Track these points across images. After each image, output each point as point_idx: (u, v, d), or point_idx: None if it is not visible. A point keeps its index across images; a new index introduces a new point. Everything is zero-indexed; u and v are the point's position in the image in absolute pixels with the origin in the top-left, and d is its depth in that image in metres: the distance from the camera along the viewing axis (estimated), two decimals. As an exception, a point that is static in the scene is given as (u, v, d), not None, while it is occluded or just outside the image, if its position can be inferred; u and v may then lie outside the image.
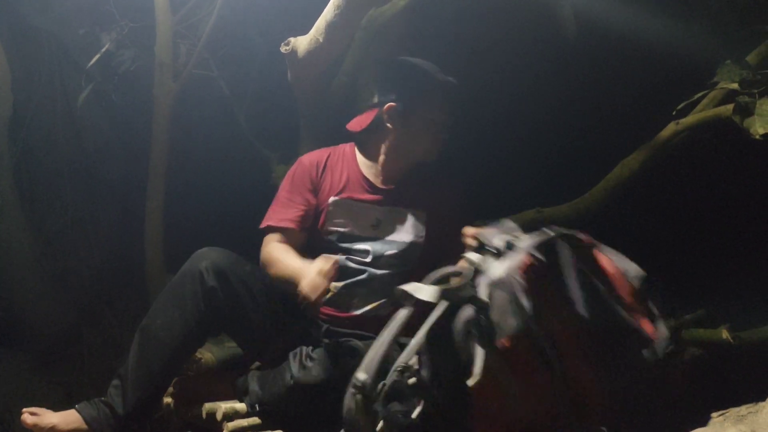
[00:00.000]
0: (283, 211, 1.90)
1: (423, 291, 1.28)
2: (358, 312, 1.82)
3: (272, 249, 1.86)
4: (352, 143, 1.99)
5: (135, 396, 1.67)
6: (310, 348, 1.69)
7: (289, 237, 1.88)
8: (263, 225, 1.91)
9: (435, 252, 1.85)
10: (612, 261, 1.34)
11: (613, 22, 2.14)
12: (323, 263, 1.63)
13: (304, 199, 1.89)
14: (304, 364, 1.65)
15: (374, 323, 1.65)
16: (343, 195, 1.89)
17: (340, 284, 1.80)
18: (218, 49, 2.78)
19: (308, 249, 1.86)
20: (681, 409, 1.51)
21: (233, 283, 1.70)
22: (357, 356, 1.53)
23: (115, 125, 3.03)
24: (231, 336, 1.91)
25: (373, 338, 1.38)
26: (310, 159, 1.96)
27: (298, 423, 1.67)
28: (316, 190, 1.90)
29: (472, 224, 1.65)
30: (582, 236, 1.34)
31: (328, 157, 1.95)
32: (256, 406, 1.72)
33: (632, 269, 1.34)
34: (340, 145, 2.00)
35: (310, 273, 1.62)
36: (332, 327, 1.74)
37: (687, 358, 2.19)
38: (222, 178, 2.87)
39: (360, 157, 1.95)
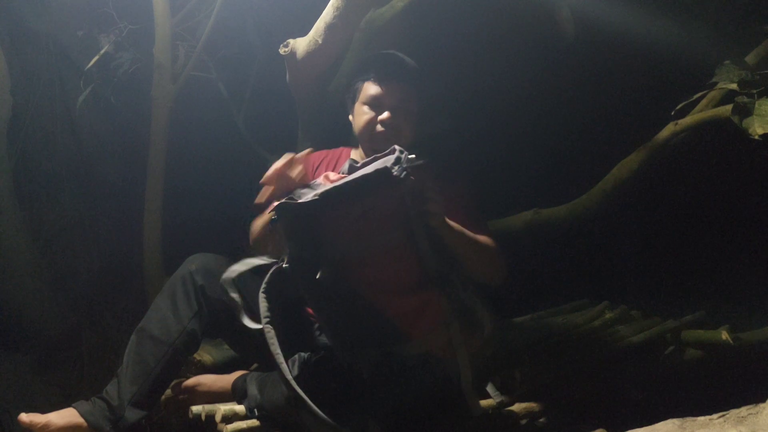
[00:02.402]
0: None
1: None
2: None
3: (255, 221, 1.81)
4: (350, 147, 1.98)
5: (131, 390, 1.67)
6: (308, 355, 1.66)
7: None
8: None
9: None
10: None
11: (611, 23, 2.14)
12: None
13: None
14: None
15: None
16: None
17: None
18: (217, 51, 2.79)
19: None
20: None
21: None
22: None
23: (114, 127, 3.03)
24: (225, 339, 1.91)
25: None
26: (307, 158, 1.95)
27: (297, 428, 1.66)
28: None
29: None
30: None
31: (324, 158, 1.94)
32: (255, 410, 1.71)
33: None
34: (339, 148, 1.99)
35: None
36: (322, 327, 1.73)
37: (687, 359, 2.19)
38: (220, 180, 2.87)
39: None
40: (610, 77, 2.52)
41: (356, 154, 1.92)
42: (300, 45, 2.08)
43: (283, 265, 1.47)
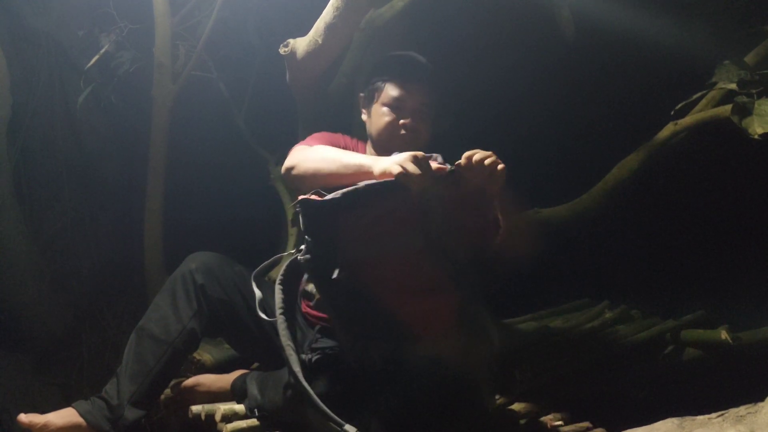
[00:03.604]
0: (326, 137, 1.78)
1: None
2: None
3: (318, 147, 1.65)
4: (349, 136, 1.96)
5: (130, 389, 1.67)
6: (309, 357, 1.63)
7: None
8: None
9: None
10: None
11: (611, 23, 2.14)
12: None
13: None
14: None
15: None
16: None
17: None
18: (217, 51, 2.79)
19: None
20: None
21: (221, 281, 1.73)
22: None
23: (114, 127, 3.03)
24: (225, 338, 1.91)
25: None
26: (335, 134, 1.87)
27: (298, 428, 1.66)
28: None
29: None
30: None
31: (347, 142, 1.89)
32: (255, 411, 1.71)
33: None
34: (338, 134, 1.95)
35: (399, 155, 1.42)
36: (324, 328, 1.73)
37: (686, 358, 2.19)
38: (220, 180, 2.87)
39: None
40: (611, 77, 2.53)
41: (368, 150, 1.91)
42: (300, 45, 2.08)
43: (299, 257, 1.48)
